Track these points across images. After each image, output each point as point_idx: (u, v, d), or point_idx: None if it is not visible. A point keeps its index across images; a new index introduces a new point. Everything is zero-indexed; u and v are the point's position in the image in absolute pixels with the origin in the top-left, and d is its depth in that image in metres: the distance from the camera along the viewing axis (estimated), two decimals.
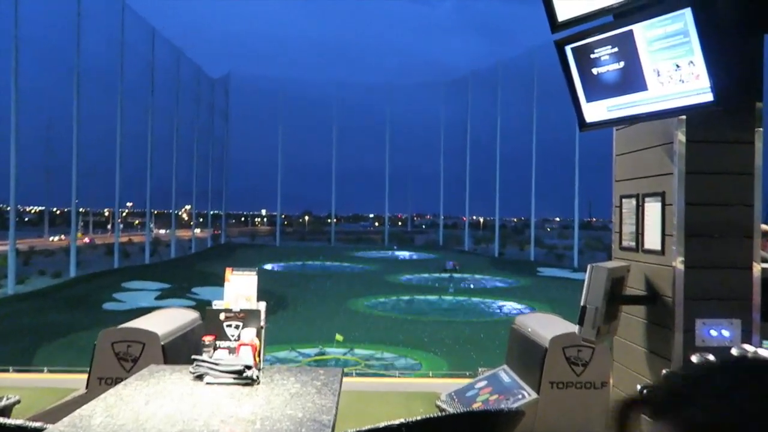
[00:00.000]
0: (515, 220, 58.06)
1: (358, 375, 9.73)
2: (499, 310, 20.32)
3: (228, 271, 2.99)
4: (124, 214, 40.28)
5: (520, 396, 4.77)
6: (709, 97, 2.49)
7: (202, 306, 5.17)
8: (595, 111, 3.03)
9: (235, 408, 2.33)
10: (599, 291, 3.07)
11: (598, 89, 2.94)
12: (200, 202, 42.01)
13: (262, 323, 2.91)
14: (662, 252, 3.09)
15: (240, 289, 2.97)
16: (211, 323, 2.86)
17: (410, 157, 50.76)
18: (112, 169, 29.18)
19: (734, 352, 2.29)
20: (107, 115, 29.19)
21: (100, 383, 4.43)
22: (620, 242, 3.56)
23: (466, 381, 6.03)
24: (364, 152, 51.62)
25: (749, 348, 2.28)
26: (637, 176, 3.35)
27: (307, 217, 64.93)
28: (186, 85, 37.78)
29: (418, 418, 2.12)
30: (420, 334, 15.51)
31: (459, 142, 45.43)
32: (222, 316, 2.86)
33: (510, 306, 20.66)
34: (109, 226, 43.81)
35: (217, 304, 2.93)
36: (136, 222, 48.84)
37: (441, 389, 5.82)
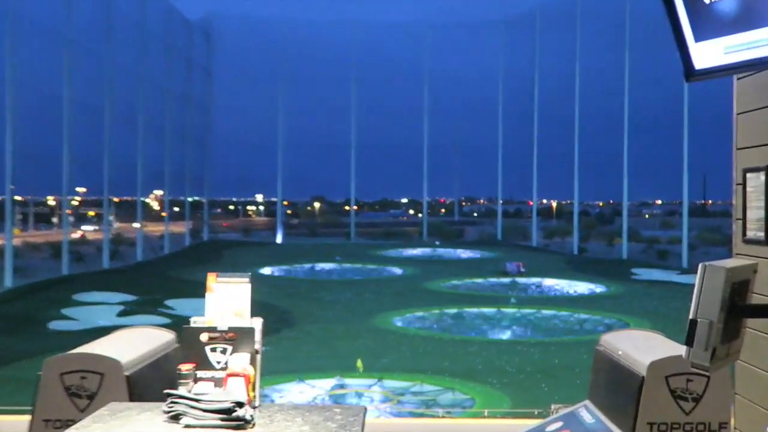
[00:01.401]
0: (601, 204, 57.57)
1: (389, 415, 9.80)
2: (579, 327, 20.27)
3: (211, 277, 3.01)
4: (74, 203, 40.80)
5: None
6: None
7: (179, 324, 5.22)
8: (707, 54, 2.99)
9: None
10: (715, 299, 3.04)
11: (711, 23, 2.90)
12: (175, 187, 42.37)
13: (258, 346, 2.93)
14: None
15: (228, 301, 2.99)
16: (191, 347, 2.88)
17: (456, 124, 50.52)
18: (58, 147, 29.55)
19: None
20: (49, 74, 29.52)
21: (47, 426, 4.51)
22: (744, 233, 3.53)
23: (534, 422, 6.04)
24: (393, 118, 51.50)
25: None
26: (767, 142, 3.31)
27: (318, 205, 65.13)
28: (154, 30, 38.05)
29: None
30: (472, 360, 15.56)
31: (523, 103, 45.16)
32: (204, 337, 2.88)
33: (594, 321, 20.59)
34: (54, 220, 44.45)
35: (197, 322, 2.96)
36: (91, 213, 49.49)
37: None
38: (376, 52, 50.79)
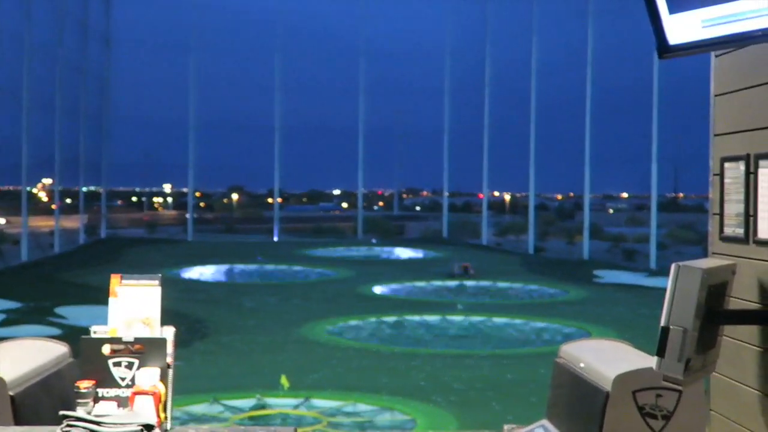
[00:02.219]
0: (560, 197, 58.38)
1: None
2: (536, 337, 20.51)
3: (115, 279, 2.98)
4: None
5: None
6: None
7: (73, 336, 5.16)
8: (682, 27, 3.05)
9: None
10: (690, 304, 3.11)
11: None
12: (68, 175, 41.72)
13: (170, 359, 2.92)
14: None
15: (135, 307, 2.97)
16: (91, 361, 2.86)
17: (397, 105, 50.67)
18: None
19: None
20: None
21: None
22: (721, 229, 3.61)
23: None
24: (324, 97, 51.41)
25: None
26: (748, 128, 3.38)
27: (236, 197, 64.71)
28: None
29: None
30: (414, 376, 15.64)
31: (473, 81, 45.45)
32: (107, 349, 2.86)
33: (553, 330, 20.86)
34: None
35: (98, 332, 2.93)
36: None
37: None
38: (305, 21, 50.64)
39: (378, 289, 27.80)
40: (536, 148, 41.20)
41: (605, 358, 5.26)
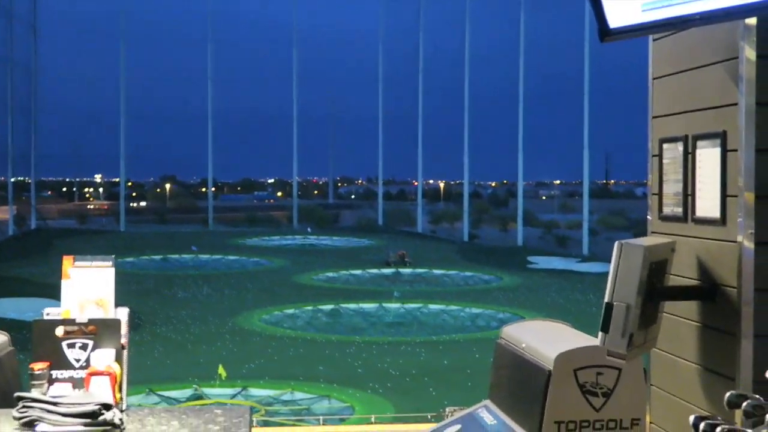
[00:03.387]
0: (494, 185, 58.84)
1: (261, 426, 9.80)
2: (471, 323, 20.71)
3: (67, 260, 2.97)
4: None
5: None
6: None
7: (7, 328, 5.08)
8: (623, 11, 3.12)
9: None
10: (632, 281, 3.19)
11: None
12: None
13: (124, 340, 2.92)
14: (723, 221, 3.22)
15: (87, 289, 2.96)
16: (44, 343, 2.84)
17: (331, 93, 50.56)
18: None
19: None
20: None
21: None
22: (660, 209, 3.69)
23: (427, 427, 6.18)
24: (258, 85, 51.11)
25: None
26: (686, 109, 3.47)
27: (168, 186, 64.02)
28: None
29: None
30: (351, 363, 15.71)
31: (406, 69, 45.54)
32: (60, 331, 2.85)
33: (487, 316, 21.08)
34: None
35: (51, 314, 2.92)
36: None
37: None
38: (237, 7, 50.22)
39: (314, 278, 27.79)
40: (470, 136, 41.51)
41: (546, 338, 5.34)
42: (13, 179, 43.62)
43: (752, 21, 2.99)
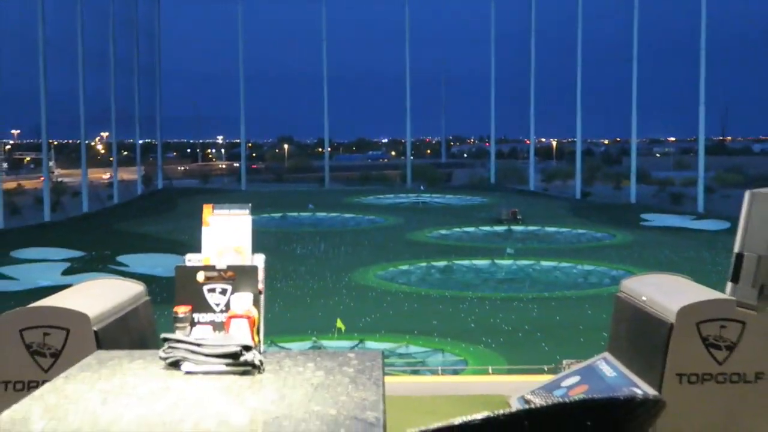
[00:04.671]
0: (607, 142, 57.72)
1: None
2: (583, 280, 20.50)
3: (206, 209, 3.03)
4: (7, 147, 40.41)
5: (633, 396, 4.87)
6: None
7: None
8: None
9: (236, 405, 2.39)
10: (764, 230, 3.10)
11: None
12: (123, 128, 42.04)
13: (261, 286, 2.97)
14: None
15: (226, 236, 3.02)
16: (186, 288, 2.91)
17: (442, 53, 50.18)
18: None
19: None
20: None
21: (6, 389, 4.51)
22: None
23: (545, 378, 6.16)
24: (370, 47, 51.13)
25: None
26: None
27: (286, 147, 64.79)
28: None
29: (509, 410, 2.21)
30: (463, 319, 15.72)
31: (518, 27, 44.89)
32: (201, 276, 2.92)
33: (600, 273, 20.84)
34: None
35: (191, 260, 2.99)
36: (27, 159, 49.11)
37: (508, 391, 5.95)
38: None
39: (427, 235, 27.87)
40: (582, 93, 40.77)
41: (667, 291, 5.26)
42: (140, 141, 44.70)
43: None
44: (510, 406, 5.49)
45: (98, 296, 4.95)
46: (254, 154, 60.35)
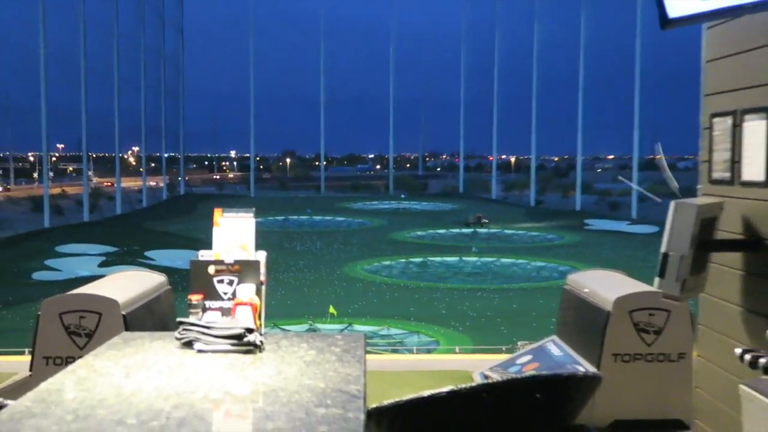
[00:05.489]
0: (557, 159, 57.90)
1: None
2: (536, 274, 20.50)
3: (217, 212, 3.02)
4: (53, 159, 40.24)
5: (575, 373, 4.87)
6: None
7: (161, 273, 5.23)
8: (683, 1, 3.01)
9: (240, 379, 2.39)
10: (685, 234, 3.10)
11: None
12: (151, 143, 41.99)
13: (263, 277, 2.96)
14: (766, 184, 3.11)
15: (233, 235, 3.01)
16: (199, 279, 2.90)
17: (421, 81, 50.36)
18: (36, 103, 28.96)
19: None
20: (24, 33, 28.84)
21: (48, 364, 4.50)
22: (710, 174, 3.58)
23: (503, 357, 6.15)
24: (361, 76, 51.38)
25: None
26: (735, 87, 3.35)
27: (289, 160, 64.73)
28: None
29: (471, 384, 2.20)
30: (436, 306, 15.69)
31: (484, 60, 45.01)
32: (211, 269, 2.90)
33: (550, 269, 20.84)
34: (35, 175, 43.83)
35: (204, 255, 2.97)
36: (70, 169, 48.87)
37: (472, 367, 5.94)
38: (345, 10, 50.27)
39: (406, 236, 27.86)
40: (537, 117, 40.89)
41: (605, 285, 5.27)
42: (165, 154, 44.63)
43: None
44: (473, 380, 5.48)
45: (126, 285, 4.94)
46: (262, 166, 60.25)
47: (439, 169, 65.87)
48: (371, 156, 68.68)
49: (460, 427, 2.36)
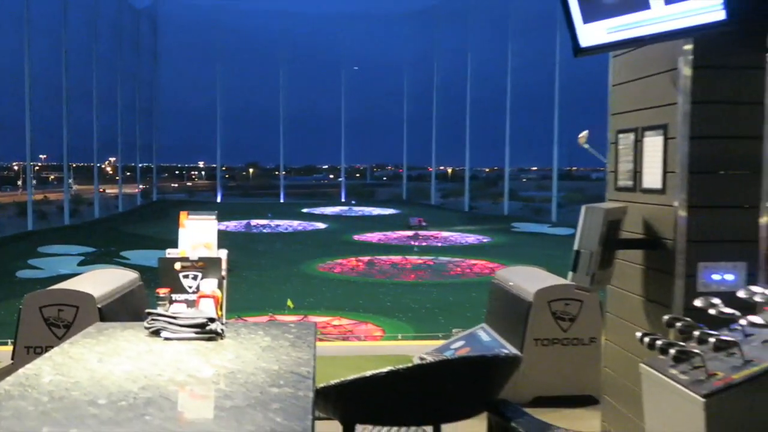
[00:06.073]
0: (487, 170, 58.46)
1: (319, 340, 9.85)
2: (469, 270, 20.60)
3: (183, 215, 2.99)
4: (36, 168, 39.24)
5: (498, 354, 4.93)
6: (720, 15, 2.50)
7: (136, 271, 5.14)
8: (592, 33, 3.07)
9: (202, 363, 2.36)
10: (594, 234, 3.15)
11: (596, 8, 2.97)
12: (127, 154, 41.34)
13: (224, 273, 2.94)
14: (663, 191, 3.18)
15: (197, 235, 2.98)
16: (166, 274, 2.87)
17: (369, 101, 50.52)
18: (20, 118, 28.34)
19: (741, 295, 2.39)
20: (11, 54, 28.32)
21: (29, 353, 4.42)
22: (616, 182, 3.65)
23: (439, 342, 6.19)
24: (316, 95, 51.15)
25: (756, 289, 2.37)
26: (637, 108, 3.42)
27: (251, 170, 64.12)
28: (105, 17, 36.66)
29: (408, 365, 2.21)
30: (382, 299, 15.65)
31: (424, 85, 45.37)
32: (178, 265, 2.87)
33: (482, 265, 20.97)
34: (19, 182, 42.72)
35: (171, 253, 2.94)
36: (52, 177, 47.72)
37: (413, 351, 5.95)
38: (302, 38, 50.10)
39: (355, 237, 27.81)
40: (470, 134, 41.36)
41: (528, 279, 5.34)
42: (140, 164, 43.96)
43: (689, 40, 2.93)
44: (412, 362, 5.50)
45: (102, 281, 4.85)
46: (227, 175, 59.63)
47: (385, 178, 65.92)
48: (325, 167, 68.41)
49: (398, 402, 2.37)
